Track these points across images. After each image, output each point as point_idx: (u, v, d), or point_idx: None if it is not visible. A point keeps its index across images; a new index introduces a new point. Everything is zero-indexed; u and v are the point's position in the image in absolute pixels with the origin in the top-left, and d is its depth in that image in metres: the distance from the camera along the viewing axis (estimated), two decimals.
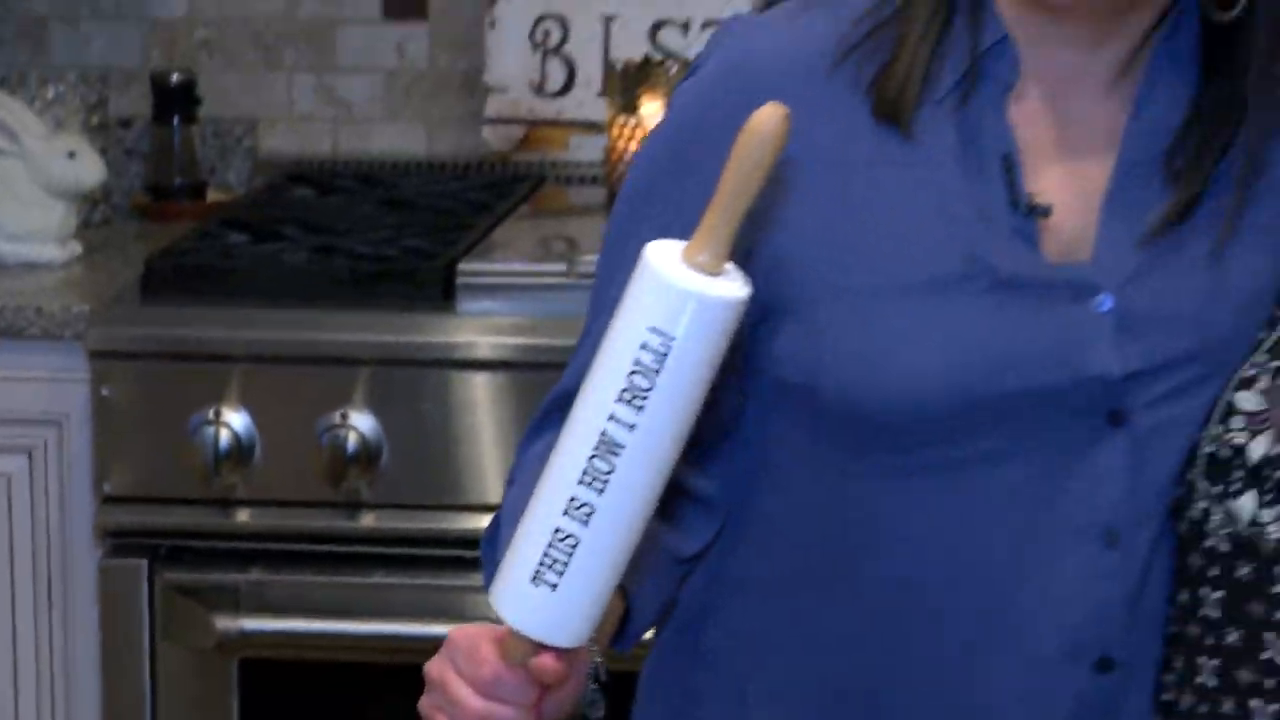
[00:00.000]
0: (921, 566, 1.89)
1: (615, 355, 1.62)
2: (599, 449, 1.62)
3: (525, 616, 1.66)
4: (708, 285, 1.60)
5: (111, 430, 3.17)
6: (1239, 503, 1.83)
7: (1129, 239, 1.89)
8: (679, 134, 1.94)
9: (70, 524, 3.26)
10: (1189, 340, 1.88)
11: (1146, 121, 1.92)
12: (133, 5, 3.82)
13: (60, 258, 3.44)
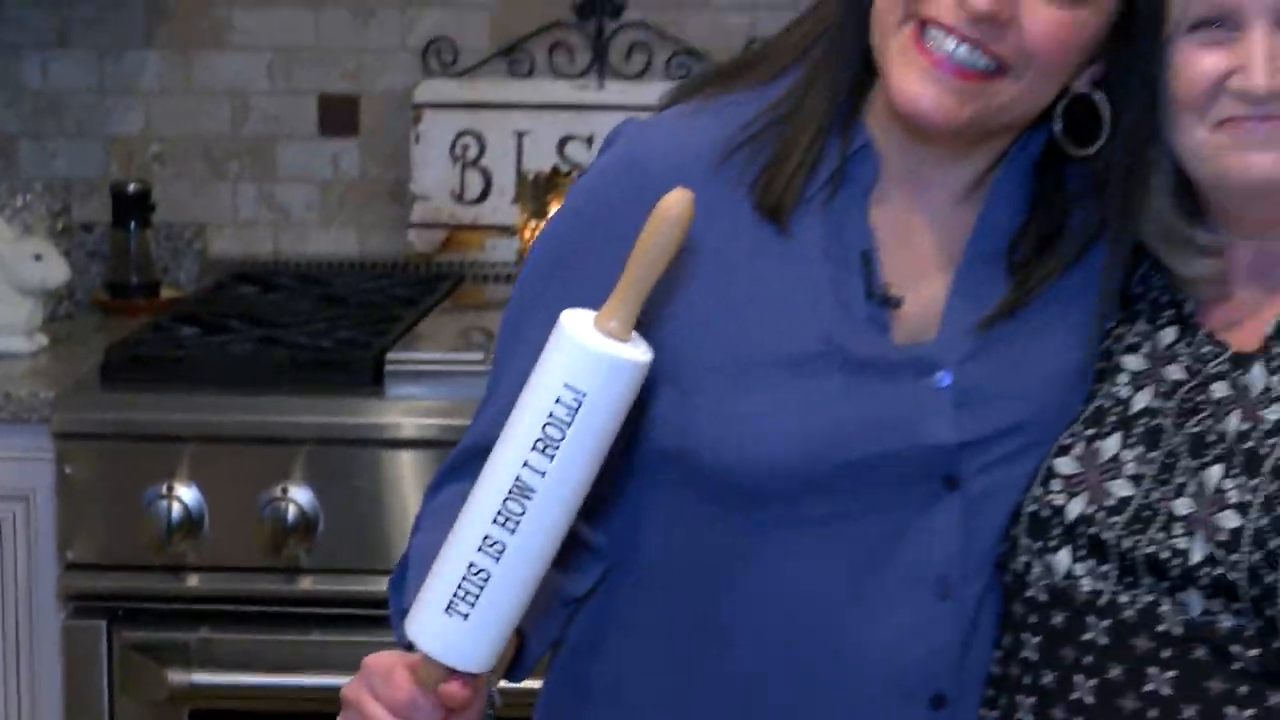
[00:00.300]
0: (776, 611, 1.89)
1: (531, 409, 1.64)
2: (513, 492, 1.63)
3: (438, 644, 1.66)
4: (617, 349, 1.62)
5: (74, 504, 3.16)
6: (1056, 557, 1.85)
7: (969, 325, 1.90)
8: (577, 220, 1.94)
9: (36, 589, 3.23)
10: (1017, 413, 1.89)
11: (990, 227, 1.93)
12: (93, 123, 3.82)
13: (28, 348, 3.43)
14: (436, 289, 3.62)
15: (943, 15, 1.78)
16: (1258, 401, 1.83)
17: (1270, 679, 1.76)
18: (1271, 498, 1.76)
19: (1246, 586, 1.75)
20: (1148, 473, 1.84)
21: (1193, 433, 1.84)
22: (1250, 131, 1.81)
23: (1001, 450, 1.89)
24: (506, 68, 3.76)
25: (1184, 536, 1.79)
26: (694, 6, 3.73)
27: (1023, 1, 1.79)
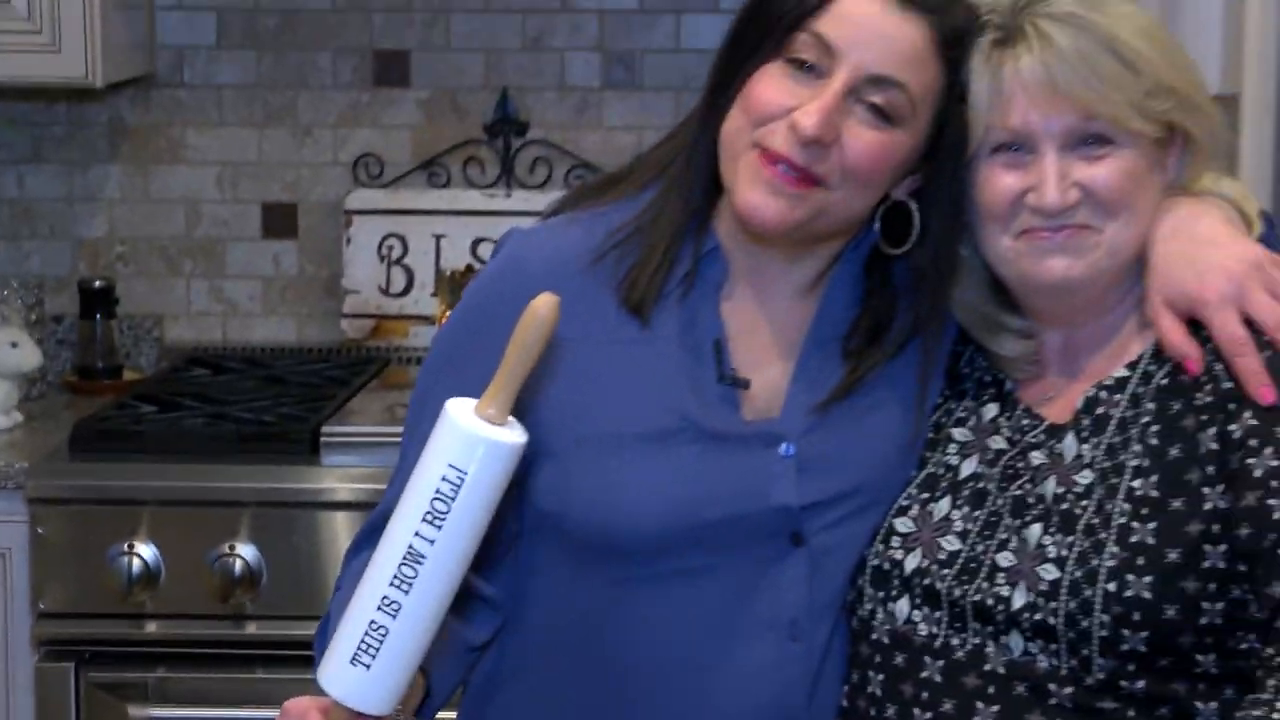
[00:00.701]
0: (643, 654, 1.89)
1: (421, 486, 1.64)
2: (406, 558, 1.63)
3: (345, 691, 1.67)
4: (494, 433, 1.63)
5: (45, 560, 3.14)
6: (897, 605, 1.85)
7: (810, 403, 1.90)
8: (468, 318, 1.95)
9: (12, 635, 3.21)
10: (852, 479, 1.90)
11: (827, 319, 1.94)
12: (63, 227, 3.79)
13: (5, 424, 3.40)
14: (365, 370, 3.60)
15: (779, 146, 1.81)
16: (1070, 467, 1.83)
17: (1081, 713, 1.76)
18: (1085, 553, 1.76)
19: (1064, 630, 1.75)
20: (973, 529, 1.85)
21: (1014, 495, 1.85)
22: (1046, 240, 1.83)
23: (840, 511, 1.90)
24: (426, 179, 3.75)
25: (1006, 586, 1.79)
26: (588, 126, 3.75)
27: (845, 125, 1.80)
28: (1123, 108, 1.79)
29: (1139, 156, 1.82)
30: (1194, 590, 1.74)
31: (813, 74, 1.82)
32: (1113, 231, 1.83)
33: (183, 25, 3.77)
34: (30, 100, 3.76)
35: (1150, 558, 1.74)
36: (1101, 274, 1.85)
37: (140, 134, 3.80)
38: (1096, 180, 1.81)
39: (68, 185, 3.82)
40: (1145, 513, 1.76)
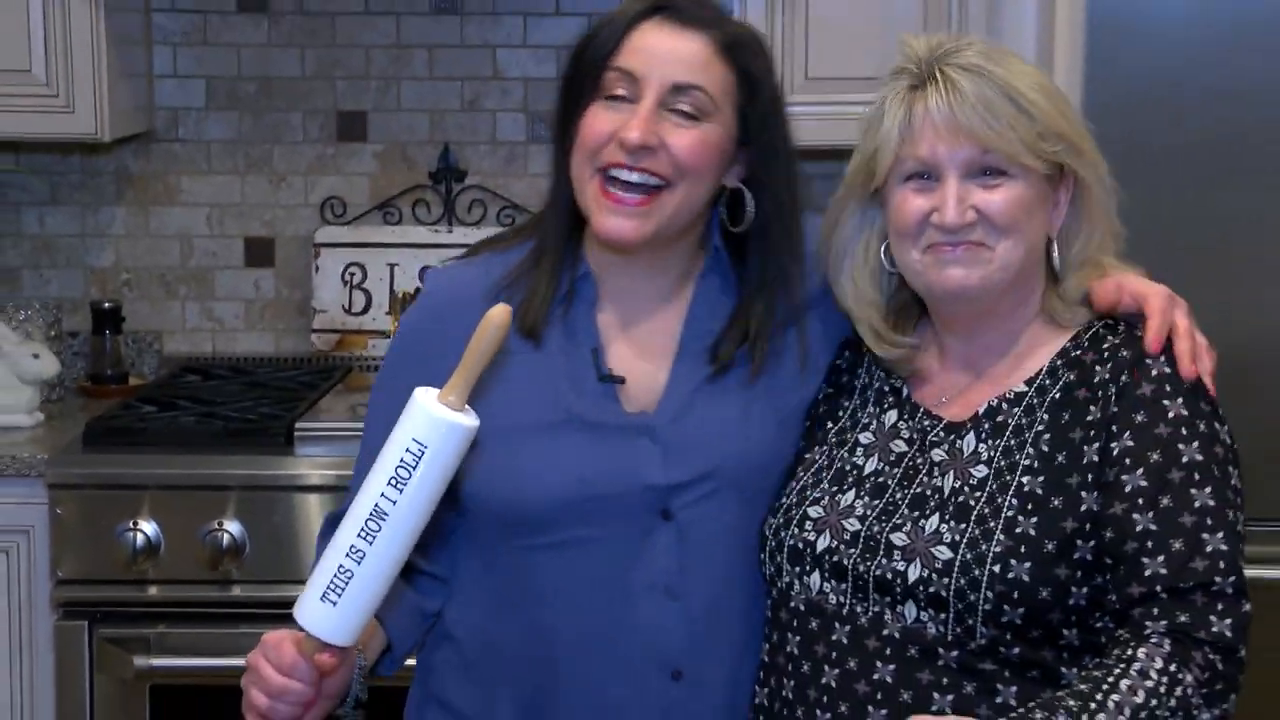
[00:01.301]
0: (548, 611, 1.89)
1: (390, 455, 1.66)
2: (372, 515, 1.65)
3: (314, 623, 1.68)
4: (453, 416, 1.65)
5: (63, 536, 3.13)
6: (810, 579, 1.84)
7: (682, 396, 1.90)
8: (403, 342, 1.97)
9: (35, 599, 3.19)
10: (714, 462, 1.89)
11: (696, 327, 1.93)
12: (77, 258, 3.77)
13: (28, 423, 3.39)
14: (332, 376, 3.58)
15: (614, 157, 1.83)
16: (968, 461, 1.82)
17: (965, 673, 1.76)
18: (975, 539, 1.76)
19: (955, 602, 1.75)
20: (871, 515, 1.83)
21: (915, 493, 1.83)
22: (947, 253, 1.82)
23: (702, 490, 1.89)
24: (381, 218, 3.73)
25: (902, 562, 1.78)
26: (515, 174, 3.74)
27: (663, 130, 1.83)
28: (1015, 145, 1.78)
29: (1029, 188, 1.81)
30: (1064, 577, 1.74)
31: (626, 102, 1.84)
32: (1003, 249, 1.82)
33: (177, 90, 3.75)
34: (49, 152, 3.74)
35: (1031, 547, 1.74)
36: (994, 285, 1.83)
37: (142, 181, 3.77)
38: (990, 205, 1.80)
39: (81, 223, 3.79)
40: (1030, 508, 1.76)
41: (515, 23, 3.71)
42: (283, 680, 1.71)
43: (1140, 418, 1.76)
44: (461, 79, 3.74)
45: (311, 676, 1.72)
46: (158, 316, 3.79)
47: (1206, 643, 1.67)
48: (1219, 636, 1.67)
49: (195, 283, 3.80)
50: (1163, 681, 1.64)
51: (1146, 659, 1.65)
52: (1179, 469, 1.73)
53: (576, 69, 1.88)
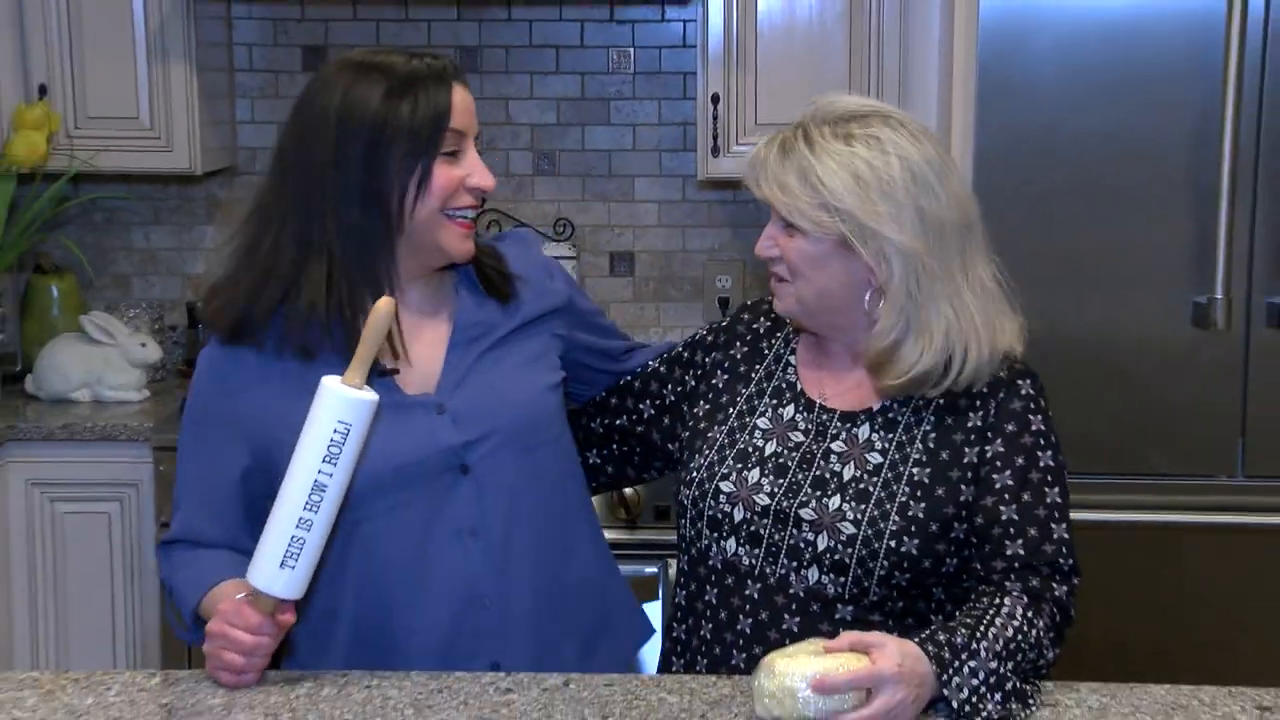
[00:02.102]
0: (383, 558, 1.83)
1: (316, 438, 1.63)
2: (314, 489, 1.63)
3: (280, 586, 1.65)
4: (362, 394, 1.64)
5: (164, 489, 3.10)
6: (727, 543, 1.84)
7: (458, 376, 1.86)
8: (199, 389, 1.88)
9: (143, 539, 3.21)
10: (494, 423, 1.84)
11: (462, 327, 1.88)
12: (175, 267, 3.77)
13: (137, 398, 3.40)
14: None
15: (471, 201, 1.83)
16: (863, 447, 1.81)
17: (857, 623, 1.77)
18: (874, 518, 1.76)
19: (855, 568, 1.76)
20: (779, 492, 1.81)
21: (815, 475, 1.81)
22: (774, 281, 1.86)
23: (489, 445, 1.84)
24: None
25: (810, 533, 1.78)
26: (524, 200, 3.72)
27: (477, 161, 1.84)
28: (789, 209, 1.78)
29: (816, 245, 1.78)
30: (943, 550, 1.79)
31: (457, 155, 1.82)
32: (797, 286, 1.82)
33: (254, 133, 3.74)
34: (151, 183, 3.74)
35: (919, 527, 1.77)
36: (798, 313, 1.85)
37: (227, 205, 3.76)
38: (783, 249, 1.82)
39: (178, 239, 3.79)
40: (919, 495, 1.78)
41: (524, 79, 3.71)
42: (254, 639, 1.68)
43: (1010, 427, 1.80)
44: (481, 124, 3.69)
45: (274, 631, 1.69)
46: None
47: (1049, 602, 1.75)
48: (1058, 600, 1.75)
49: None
50: (1024, 623, 1.70)
51: (1012, 605, 1.71)
52: (1037, 471, 1.78)
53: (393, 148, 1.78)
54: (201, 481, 1.85)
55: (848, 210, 1.76)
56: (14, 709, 1.68)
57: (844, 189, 1.75)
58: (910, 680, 1.58)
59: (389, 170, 1.78)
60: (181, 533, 1.86)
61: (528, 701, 1.69)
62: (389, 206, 1.79)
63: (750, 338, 1.97)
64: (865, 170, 1.76)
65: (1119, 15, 2.81)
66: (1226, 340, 2.84)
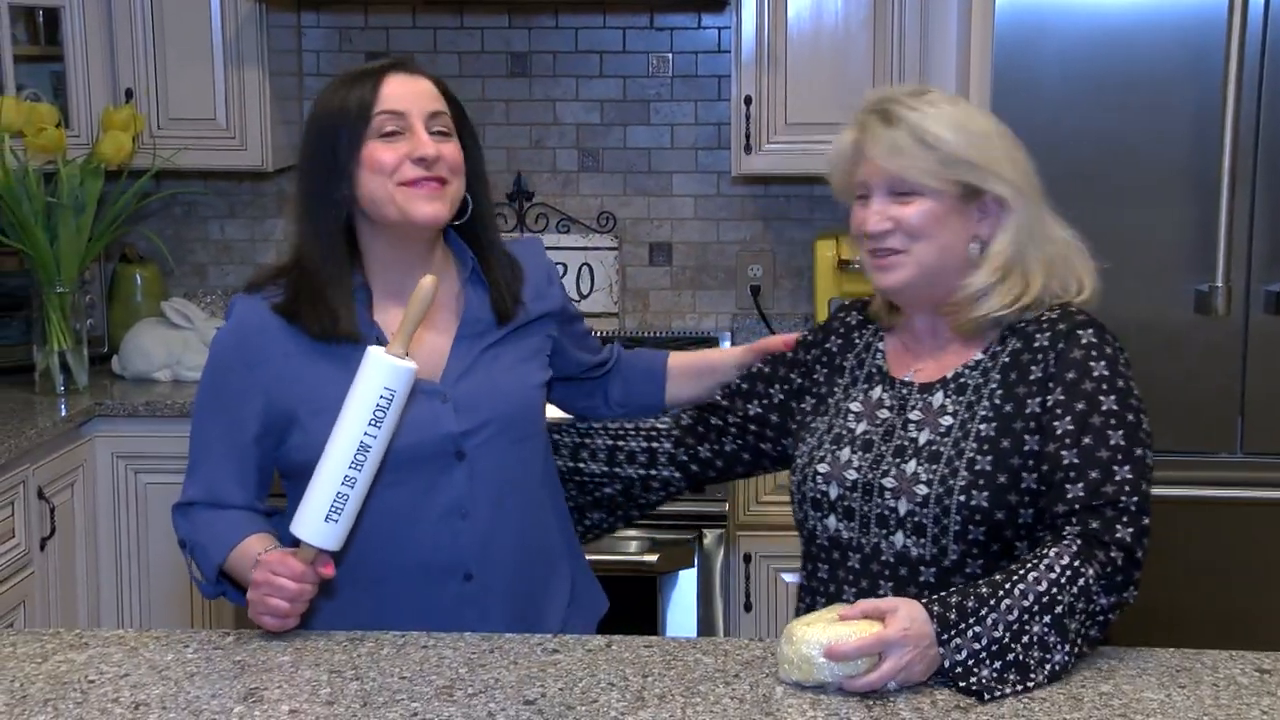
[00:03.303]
0: (387, 529, 1.83)
1: (363, 402, 1.64)
2: (360, 449, 1.64)
3: (324, 539, 1.67)
4: (405, 363, 1.65)
5: None
6: (828, 520, 1.82)
7: (462, 366, 1.87)
8: (220, 357, 1.87)
9: None
10: (493, 413, 1.86)
11: (468, 322, 1.89)
12: (248, 257, 3.78)
13: None
14: None
15: (417, 172, 1.80)
16: (937, 413, 1.79)
17: (940, 586, 1.74)
18: (945, 476, 1.73)
19: (931, 527, 1.73)
20: (865, 465, 1.79)
21: (896, 444, 1.79)
22: (878, 259, 1.79)
23: (485, 435, 1.86)
24: None
25: (893, 499, 1.75)
26: (569, 195, 3.72)
27: (439, 143, 1.83)
28: (915, 173, 1.74)
29: (938, 202, 1.75)
30: (1014, 501, 1.72)
31: (399, 134, 1.82)
32: (916, 252, 1.77)
33: None
34: (226, 179, 3.75)
35: (988, 480, 1.72)
36: (912, 280, 1.78)
37: None
38: (903, 217, 1.76)
39: (250, 231, 3.81)
40: (986, 449, 1.73)
41: (570, 82, 3.70)
42: (298, 586, 1.70)
43: (1071, 375, 1.73)
44: (530, 125, 3.73)
45: (315, 580, 1.71)
46: None
47: (1110, 544, 1.65)
48: (1120, 540, 1.65)
49: None
50: (1065, 574, 1.62)
51: (1055, 557, 1.64)
52: (1099, 416, 1.70)
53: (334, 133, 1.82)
54: (222, 444, 1.85)
55: (967, 159, 1.74)
56: (102, 664, 1.69)
57: (960, 140, 1.74)
58: (918, 642, 1.57)
59: (334, 156, 1.82)
60: (201, 494, 1.86)
61: (573, 661, 1.69)
62: (340, 187, 1.82)
63: (844, 331, 1.95)
64: (969, 122, 1.76)
65: (1123, 19, 2.79)
66: (1227, 325, 2.81)
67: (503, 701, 1.57)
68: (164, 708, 1.57)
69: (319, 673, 1.66)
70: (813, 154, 3.28)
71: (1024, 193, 1.77)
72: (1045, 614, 1.60)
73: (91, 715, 1.55)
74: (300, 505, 1.68)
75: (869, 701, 1.56)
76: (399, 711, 1.55)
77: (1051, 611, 1.61)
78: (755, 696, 1.58)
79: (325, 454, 1.67)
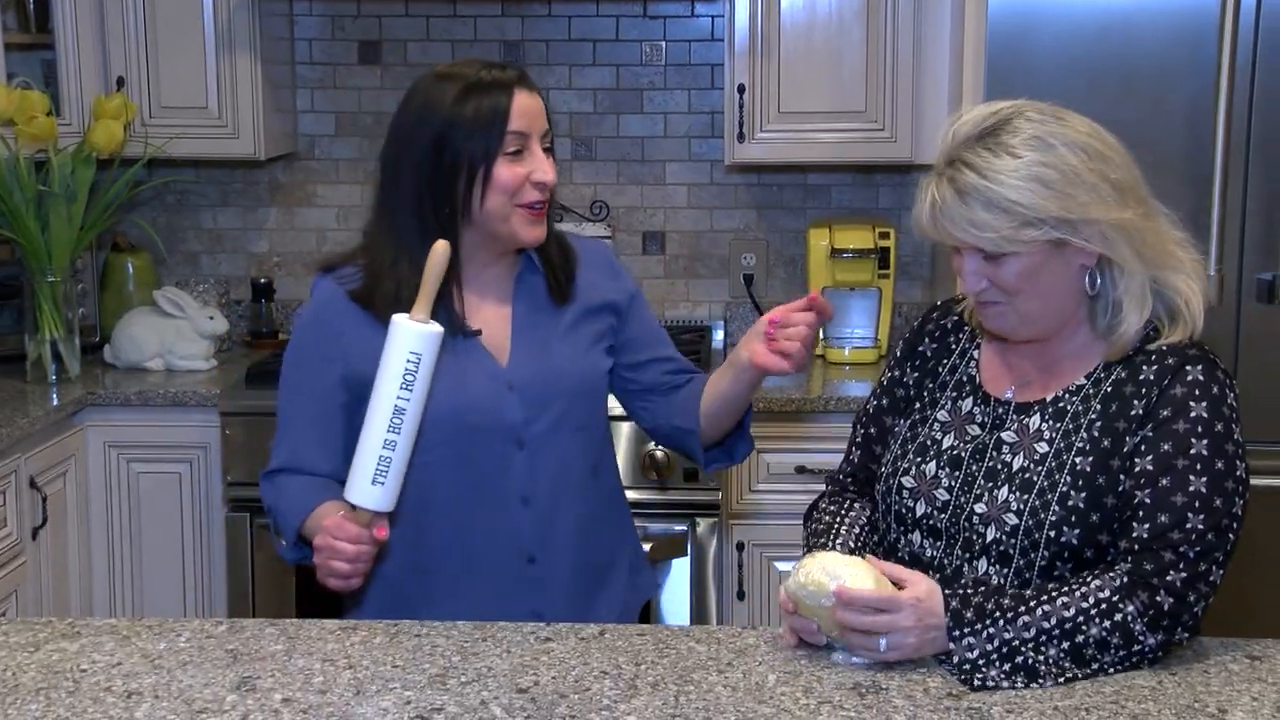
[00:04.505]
0: (450, 514, 1.88)
1: (393, 369, 1.69)
2: (395, 413, 1.69)
3: (373, 501, 1.72)
4: (429, 327, 1.69)
5: (231, 450, 3.13)
6: (911, 536, 1.76)
7: (526, 350, 1.91)
8: (302, 334, 1.94)
9: (211, 497, 3.22)
10: (550, 403, 1.90)
11: (523, 303, 1.94)
12: (241, 246, 3.77)
13: (205, 367, 3.40)
14: None
15: (538, 196, 1.87)
16: (1033, 437, 1.70)
17: None
18: (1035, 509, 1.66)
19: (1018, 559, 1.67)
20: (955, 485, 1.73)
21: (988, 466, 1.72)
22: (983, 309, 1.71)
23: (546, 424, 1.90)
24: None
25: (981, 526, 1.69)
26: (563, 183, 3.66)
27: (541, 158, 1.87)
28: (996, 241, 1.61)
29: (1030, 257, 1.63)
30: (1105, 541, 1.66)
31: (520, 153, 1.86)
32: (1019, 304, 1.67)
33: (314, 121, 3.74)
34: (220, 168, 3.74)
35: (1079, 516, 1.65)
36: (1022, 327, 1.70)
37: (288, 188, 3.77)
38: (997, 276, 1.65)
39: (243, 220, 3.80)
40: (1080, 484, 1.65)
41: (563, 71, 3.69)
42: (355, 548, 1.74)
43: (1166, 413, 1.64)
44: None
45: (372, 542, 1.75)
46: (300, 288, 3.77)
47: (1160, 587, 1.60)
48: (1170, 585, 1.60)
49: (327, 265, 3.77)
50: (1100, 606, 1.59)
51: (1095, 589, 1.60)
52: (1185, 459, 1.62)
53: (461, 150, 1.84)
54: (304, 413, 1.91)
55: (1053, 216, 1.60)
56: (94, 653, 1.69)
57: (1038, 198, 1.60)
58: (924, 617, 1.58)
59: (457, 166, 1.84)
60: (285, 461, 1.92)
61: (566, 649, 1.69)
62: (455, 199, 1.85)
63: (938, 334, 1.87)
64: (1046, 172, 1.60)
65: (1117, 10, 2.79)
66: (1220, 314, 2.82)
67: (495, 690, 1.57)
68: (156, 697, 1.56)
69: (312, 661, 1.66)
70: (806, 143, 3.29)
71: (1129, 223, 1.63)
72: (1065, 640, 1.58)
73: (83, 704, 1.55)
74: (350, 473, 1.73)
75: (861, 688, 1.57)
76: (392, 700, 1.55)
77: (1072, 639, 1.58)
78: (748, 684, 1.58)
79: (366, 422, 1.71)
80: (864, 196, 3.65)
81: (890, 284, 3.46)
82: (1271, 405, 2.86)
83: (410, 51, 3.68)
